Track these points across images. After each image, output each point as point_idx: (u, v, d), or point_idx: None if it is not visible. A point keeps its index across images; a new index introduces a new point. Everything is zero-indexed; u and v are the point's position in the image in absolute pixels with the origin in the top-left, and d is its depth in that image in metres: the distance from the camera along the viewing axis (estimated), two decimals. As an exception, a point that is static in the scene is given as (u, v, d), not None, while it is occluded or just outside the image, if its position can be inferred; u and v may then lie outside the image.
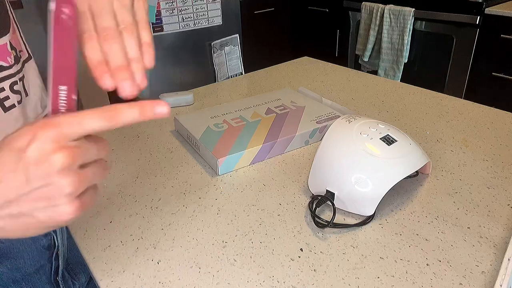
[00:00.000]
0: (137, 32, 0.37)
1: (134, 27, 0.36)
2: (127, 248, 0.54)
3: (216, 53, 1.99)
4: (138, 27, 0.37)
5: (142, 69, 0.36)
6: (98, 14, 0.35)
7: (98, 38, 0.35)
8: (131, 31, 0.36)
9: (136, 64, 0.36)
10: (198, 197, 0.64)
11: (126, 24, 0.36)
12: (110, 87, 0.35)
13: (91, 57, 0.35)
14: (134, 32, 0.36)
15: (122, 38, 0.36)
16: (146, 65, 0.37)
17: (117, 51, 0.35)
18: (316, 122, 0.80)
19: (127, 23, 0.36)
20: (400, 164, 0.58)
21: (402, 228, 0.56)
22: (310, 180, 0.63)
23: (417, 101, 0.95)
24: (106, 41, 0.35)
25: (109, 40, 0.35)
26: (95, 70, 0.35)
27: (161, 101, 0.34)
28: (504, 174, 0.66)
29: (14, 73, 0.46)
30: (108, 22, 0.35)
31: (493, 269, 0.49)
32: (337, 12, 2.48)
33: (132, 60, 0.36)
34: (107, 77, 0.35)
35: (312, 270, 0.50)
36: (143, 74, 0.36)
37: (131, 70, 0.35)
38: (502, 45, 1.83)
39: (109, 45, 0.35)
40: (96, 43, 0.35)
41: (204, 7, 1.87)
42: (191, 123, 0.81)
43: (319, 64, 1.24)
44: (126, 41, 0.36)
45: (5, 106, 0.45)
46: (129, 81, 0.35)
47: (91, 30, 0.35)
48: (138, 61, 0.36)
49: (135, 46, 0.36)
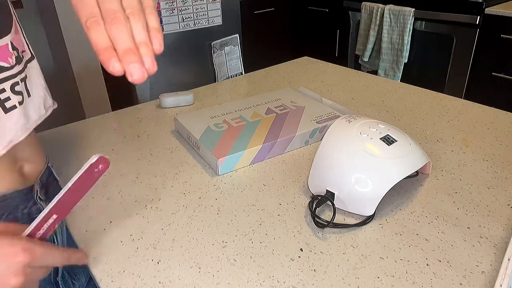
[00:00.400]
0: (144, 18, 0.35)
1: (141, 12, 0.35)
2: (127, 248, 0.54)
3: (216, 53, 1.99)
4: (145, 12, 0.36)
5: (151, 53, 0.35)
6: None
7: (104, 23, 0.33)
8: (138, 15, 0.35)
9: (145, 48, 0.34)
10: (198, 197, 0.64)
11: (133, 9, 0.35)
12: (118, 72, 0.33)
13: (98, 42, 0.33)
14: (141, 17, 0.35)
15: (129, 22, 0.34)
16: (155, 49, 0.35)
17: (124, 35, 0.33)
18: (316, 122, 0.80)
19: (133, 8, 0.35)
20: (400, 164, 0.59)
21: (402, 228, 0.56)
22: (310, 180, 0.63)
23: (417, 101, 0.95)
24: (113, 25, 0.33)
25: (116, 24, 0.33)
26: (102, 54, 0.33)
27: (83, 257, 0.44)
28: (504, 174, 0.66)
29: (15, 74, 0.46)
30: (114, 5, 0.34)
31: (493, 269, 0.49)
32: (337, 12, 2.48)
33: (140, 44, 0.34)
34: (115, 61, 0.33)
35: (312, 270, 0.50)
36: (153, 58, 0.35)
37: (139, 54, 0.34)
38: (502, 45, 1.83)
39: (116, 29, 0.33)
40: (102, 27, 0.33)
41: (204, 7, 1.87)
42: (191, 123, 0.81)
43: (319, 64, 1.24)
44: (133, 26, 0.34)
45: (6, 107, 0.45)
46: (137, 64, 0.33)
47: (97, 15, 0.34)
48: (147, 45, 0.35)
49: (143, 30, 0.35)
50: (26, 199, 0.50)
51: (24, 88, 0.48)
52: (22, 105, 0.47)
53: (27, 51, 0.50)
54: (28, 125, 0.49)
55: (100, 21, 0.33)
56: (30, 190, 0.51)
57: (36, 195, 0.52)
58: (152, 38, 0.35)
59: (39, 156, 0.55)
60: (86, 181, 0.39)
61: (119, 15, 0.33)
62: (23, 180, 0.50)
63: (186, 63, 1.96)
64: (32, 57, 0.51)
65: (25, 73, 0.49)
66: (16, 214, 0.49)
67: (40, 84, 0.52)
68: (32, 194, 0.51)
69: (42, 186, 0.54)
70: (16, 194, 0.48)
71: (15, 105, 0.46)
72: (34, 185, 0.52)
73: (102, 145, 0.82)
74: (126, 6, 0.34)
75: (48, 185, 0.56)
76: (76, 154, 0.79)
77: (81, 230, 0.58)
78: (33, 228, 0.40)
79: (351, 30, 2.44)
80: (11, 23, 0.47)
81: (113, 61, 0.33)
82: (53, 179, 0.58)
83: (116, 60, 0.33)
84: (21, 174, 0.50)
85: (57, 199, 0.39)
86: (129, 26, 0.34)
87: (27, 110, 0.48)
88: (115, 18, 0.33)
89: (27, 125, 0.48)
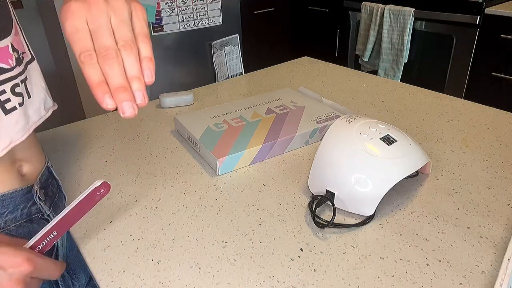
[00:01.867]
0: (136, 47, 0.37)
1: (133, 43, 0.36)
2: (127, 248, 0.54)
3: (216, 53, 1.99)
4: (138, 40, 0.37)
5: (143, 88, 0.36)
6: (96, 31, 0.35)
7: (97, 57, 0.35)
8: (130, 47, 0.36)
9: (136, 84, 0.36)
10: (198, 197, 0.64)
11: (125, 41, 0.36)
12: (111, 108, 0.35)
13: (91, 77, 0.34)
14: (133, 48, 0.36)
15: (121, 56, 0.35)
16: (147, 81, 0.37)
17: (116, 71, 0.35)
18: (316, 122, 0.80)
19: (126, 39, 0.36)
20: (400, 164, 0.58)
21: (402, 228, 0.56)
22: (310, 180, 0.63)
23: (417, 101, 0.95)
24: (105, 61, 0.34)
25: (108, 60, 0.35)
26: (95, 90, 0.34)
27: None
28: (504, 174, 0.66)
29: (15, 75, 0.46)
30: (107, 40, 0.35)
31: (493, 269, 0.49)
32: (337, 12, 2.48)
33: (132, 79, 0.36)
34: (108, 98, 0.34)
35: (312, 270, 0.50)
36: (144, 92, 0.36)
37: (131, 90, 0.35)
38: (502, 45, 1.83)
39: (108, 65, 0.34)
40: (95, 62, 0.35)
41: (204, 7, 1.87)
42: (191, 123, 0.81)
43: (319, 64, 1.24)
44: (125, 59, 0.35)
45: (6, 109, 0.45)
46: (129, 102, 0.35)
47: (91, 49, 0.35)
48: (139, 79, 0.36)
49: (135, 64, 0.36)
50: (26, 199, 0.50)
51: (25, 89, 0.48)
52: (22, 106, 0.47)
53: (27, 52, 0.50)
54: (28, 126, 0.49)
55: (94, 55, 0.35)
56: (30, 190, 0.51)
57: (36, 195, 0.52)
58: (144, 70, 0.37)
59: (38, 156, 0.55)
60: (88, 202, 0.43)
61: (111, 52, 0.35)
62: (22, 180, 0.50)
63: (186, 63, 1.96)
64: (32, 59, 0.51)
65: (26, 74, 0.48)
66: (15, 214, 0.49)
67: (40, 85, 0.52)
68: (32, 194, 0.51)
69: (41, 186, 0.54)
70: (15, 194, 0.48)
71: (15, 106, 0.46)
72: (33, 185, 0.52)
73: (102, 145, 0.82)
74: (119, 37, 0.36)
75: (47, 185, 0.56)
76: (76, 154, 0.79)
77: (81, 230, 0.58)
78: (34, 242, 0.42)
79: (351, 30, 2.44)
80: (11, 25, 0.47)
81: (106, 98, 0.34)
82: (52, 179, 0.58)
83: (109, 96, 0.35)
84: (20, 174, 0.50)
85: (60, 218, 0.42)
86: (121, 61, 0.35)
87: (27, 111, 0.48)
88: (107, 55, 0.35)
89: (27, 126, 0.48)
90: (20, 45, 0.49)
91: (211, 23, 1.93)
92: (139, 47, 0.37)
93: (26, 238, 0.42)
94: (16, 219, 0.49)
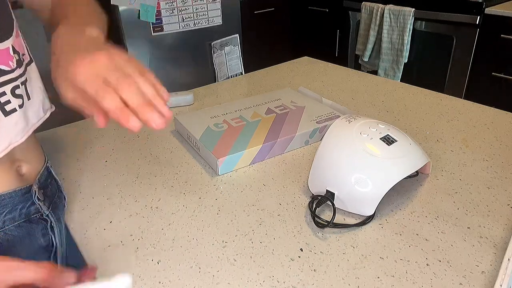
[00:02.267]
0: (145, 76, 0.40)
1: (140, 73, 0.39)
2: (127, 248, 0.54)
3: (216, 53, 1.99)
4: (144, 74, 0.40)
5: (164, 103, 0.39)
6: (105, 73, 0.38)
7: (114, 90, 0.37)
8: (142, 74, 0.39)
9: (157, 100, 0.39)
10: (198, 197, 0.64)
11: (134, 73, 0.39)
12: (137, 127, 0.37)
13: (112, 106, 0.36)
14: (144, 75, 0.39)
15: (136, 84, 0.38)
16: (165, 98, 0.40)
17: (136, 93, 0.37)
18: (316, 122, 0.80)
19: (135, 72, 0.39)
20: (400, 164, 0.58)
21: (402, 228, 0.56)
22: (310, 180, 0.63)
23: (417, 101, 0.95)
24: (122, 88, 0.37)
25: (124, 86, 0.37)
26: (119, 116, 0.36)
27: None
28: (504, 174, 0.66)
29: (16, 77, 0.46)
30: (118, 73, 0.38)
31: (493, 269, 0.49)
32: (337, 12, 2.48)
33: (151, 97, 0.38)
34: (133, 119, 0.37)
35: (312, 270, 0.50)
36: (166, 107, 0.39)
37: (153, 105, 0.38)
38: (502, 45, 1.83)
39: (126, 89, 0.37)
40: (113, 93, 0.37)
41: (204, 7, 1.87)
42: (191, 123, 0.81)
43: (319, 64, 1.24)
44: (141, 85, 0.38)
45: (6, 111, 0.45)
46: (156, 113, 0.37)
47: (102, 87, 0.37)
48: (159, 97, 0.39)
49: (149, 86, 0.39)
50: (24, 199, 0.50)
51: (24, 91, 0.48)
52: (22, 108, 0.47)
53: (26, 54, 0.51)
54: (28, 128, 0.49)
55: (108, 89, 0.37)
56: (28, 190, 0.51)
57: (34, 195, 0.51)
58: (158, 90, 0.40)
59: (37, 157, 0.55)
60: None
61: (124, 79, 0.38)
62: (21, 180, 0.50)
63: (186, 63, 1.96)
64: (31, 60, 0.51)
65: (26, 76, 0.49)
66: (14, 214, 0.49)
67: (39, 87, 0.52)
68: (30, 194, 0.51)
69: (40, 186, 0.54)
70: (14, 194, 0.48)
71: (15, 108, 0.46)
72: (32, 185, 0.52)
73: (102, 145, 0.82)
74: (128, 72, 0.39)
75: (46, 185, 0.56)
76: (76, 154, 0.79)
77: (81, 230, 0.58)
78: None
79: (351, 30, 2.44)
80: (12, 27, 0.47)
81: (132, 120, 0.37)
82: (52, 179, 0.58)
83: (134, 117, 0.37)
84: (19, 174, 0.50)
85: None
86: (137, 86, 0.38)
87: (27, 113, 0.48)
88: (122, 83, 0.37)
89: (26, 128, 0.48)
90: (21, 47, 0.49)
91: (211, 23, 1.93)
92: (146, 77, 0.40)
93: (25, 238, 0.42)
94: (15, 219, 0.49)
